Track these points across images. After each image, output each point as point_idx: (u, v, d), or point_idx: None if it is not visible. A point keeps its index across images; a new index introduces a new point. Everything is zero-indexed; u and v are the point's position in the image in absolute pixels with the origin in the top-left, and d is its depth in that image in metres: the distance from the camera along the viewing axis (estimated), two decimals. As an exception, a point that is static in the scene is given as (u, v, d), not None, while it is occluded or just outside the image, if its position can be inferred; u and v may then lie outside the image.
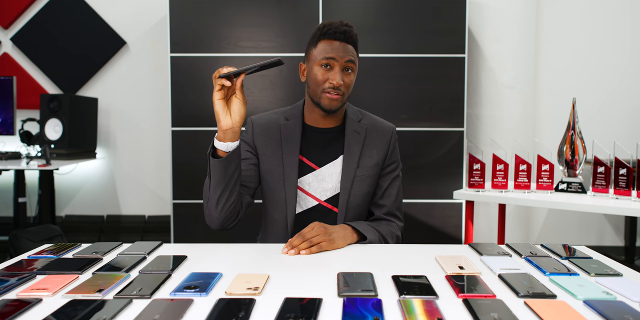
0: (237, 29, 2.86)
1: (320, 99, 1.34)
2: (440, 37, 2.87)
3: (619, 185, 1.90)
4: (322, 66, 1.32)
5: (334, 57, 1.30)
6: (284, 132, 1.41)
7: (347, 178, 1.39)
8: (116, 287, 0.90)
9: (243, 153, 1.43)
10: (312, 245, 1.16)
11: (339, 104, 1.34)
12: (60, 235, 2.78)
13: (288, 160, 1.39)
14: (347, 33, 1.32)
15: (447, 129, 2.90)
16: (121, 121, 3.45)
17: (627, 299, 0.85)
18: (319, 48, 1.33)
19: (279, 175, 1.39)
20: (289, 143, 1.40)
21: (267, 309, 0.80)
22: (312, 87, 1.35)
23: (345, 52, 1.31)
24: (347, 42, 1.32)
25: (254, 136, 1.43)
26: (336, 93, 1.31)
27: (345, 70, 1.32)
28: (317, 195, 1.41)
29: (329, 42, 1.32)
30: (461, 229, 2.94)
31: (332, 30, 1.32)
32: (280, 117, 1.45)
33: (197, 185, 2.89)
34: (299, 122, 1.42)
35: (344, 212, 1.39)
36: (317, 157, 1.41)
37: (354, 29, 1.35)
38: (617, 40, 3.38)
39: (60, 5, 3.34)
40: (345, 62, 1.31)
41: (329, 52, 1.31)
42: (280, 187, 1.39)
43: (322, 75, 1.32)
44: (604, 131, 3.23)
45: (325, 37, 1.32)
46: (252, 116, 1.48)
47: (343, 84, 1.31)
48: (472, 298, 0.84)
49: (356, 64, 1.34)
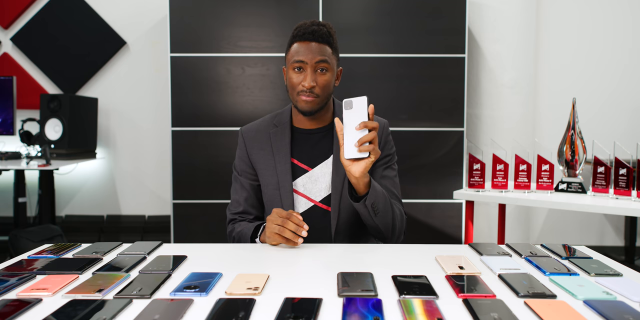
0: (237, 29, 2.86)
1: (297, 102, 1.34)
2: (440, 37, 2.87)
3: (619, 185, 1.90)
4: (294, 69, 1.32)
5: (303, 60, 1.30)
6: (274, 140, 1.42)
7: (337, 178, 1.38)
8: (116, 287, 0.90)
9: (244, 174, 1.46)
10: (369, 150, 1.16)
11: (315, 105, 1.33)
12: (60, 235, 2.78)
13: (280, 167, 1.40)
14: (317, 32, 1.30)
15: (447, 129, 2.90)
16: (121, 121, 3.45)
17: (627, 299, 0.85)
18: (291, 51, 1.33)
19: (274, 184, 1.41)
20: (280, 150, 1.41)
21: (267, 309, 0.80)
22: (290, 90, 1.36)
23: (314, 53, 1.30)
24: (317, 41, 1.31)
25: (247, 150, 1.45)
26: (309, 95, 1.31)
27: (320, 71, 1.31)
28: (312, 196, 1.40)
29: (299, 44, 1.32)
30: (461, 229, 2.94)
31: (302, 32, 1.32)
32: (269, 124, 1.46)
33: (197, 185, 2.91)
34: (287, 127, 1.43)
35: (337, 211, 1.38)
36: (309, 159, 1.41)
37: (325, 27, 1.33)
38: (617, 40, 3.38)
39: (60, 5, 3.34)
40: (315, 63, 1.30)
41: (299, 54, 1.30)
42: (277, 196, 1.40)
43: (296, 79, 1.32)
44: (604, 131, 3.23)
45: (296, 39, 1.33)
46: (242, 128, 1.49)
47: (316, 85, 1.31)
48: (472, 298, 0.84)
49: (330, 62, 1.32)
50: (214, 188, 2.86)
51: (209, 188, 2.87)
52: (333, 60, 1.34)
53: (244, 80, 2.87)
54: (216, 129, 2.88)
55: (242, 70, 2.87)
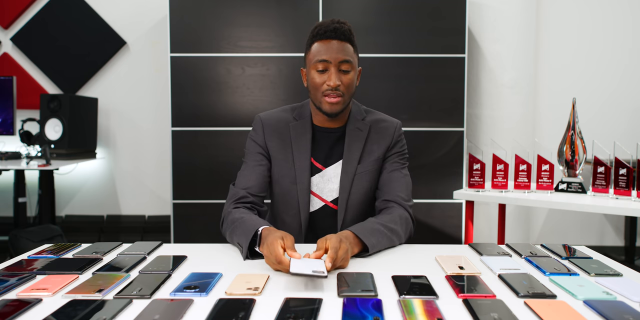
0: (237, 29, 2.86)
1: (321, 104, 1.31)
2: (440, 37, 2.87)
3: (619, 185, 1.90)
4: (318, 70, 1.29)
5: (327, 59, 1.27)
6: (294, 133, 1.39)
7: (346, 177, 1.38)
8: (116, 287, 0.90)
9: (256, 156, 1.40)
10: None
11: (341, 106, 1.31)
12: (60, 235, 2.78)
13: (300, 163, 1.37)
14: (339, 30, 1.27)
15: (447, 129, 2.90)
16: (121, 121, 3.45)
17: (627, 299, 0.85)
18: (313, 51, 1.30)
19: (291, 179, 1.38)
20: (300, 146, 1.38)
21: (267, 309, 0.80)
22: (312, 91, 1.33)
23: (338, 52, 1.27)
24: (339, 39, 1.28)
25: (265, 137, 1.40)
26: (335, 95, 1.28)
27: (342, 71, 1.29)
28: (324, 196, 1.40)
29: (321, 43, 1.29)
30: (461, 229, 2.94)
31: (323, 30, 1.28)
32: (289, 116, 1.42)
33: (197, 185, 2.91)
34: (308, 122, 1.40)
35: (344, 210, 1.39)
36: (324, 158, 1.40)
37: (346, 24, 1.30)
38: (617, 40, 3.38)
39: (60, 5, 3.34)
40: (339, 63, 1.28)
41: (322, 54, 1.27)
42: (293, 191, 1.38)
43: (319, 79, 1.29)
44: (604, 131, 3.23)
45: (317, 38, 1.30)
46: (260, 114, 1.44)
47: (341, 84, 1.29)
48: (472, 298, 0.84)
49: (353, 61, 1.30)
50: (214, 188, 2.86)
51: (209, 188, 2.87)
52: (355, 59, 1.32)
53: (244, 80, 2.87)
54: (216, 129, 2.88)
55: (242, 70, 2.87)
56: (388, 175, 1.41)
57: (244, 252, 1.12)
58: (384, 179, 1.41)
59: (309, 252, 1.06)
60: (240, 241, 1.15)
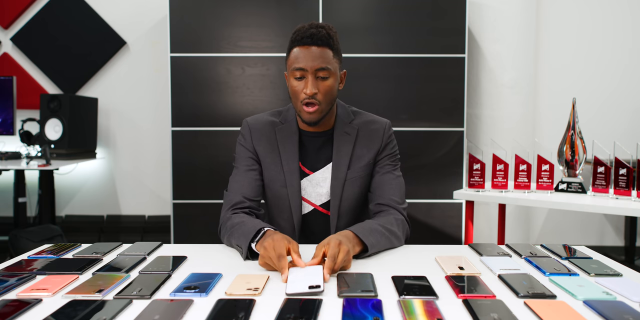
0: (237, 29, 2.86)
1: (300, 112, 1.30)
2: (440, 37, 2.87)
3: (619, 185, 1.90)
4: (295, 77, 1.27)
5: (303, 68, 1.24)
6: (280, 136, 1.38)
7: (336, 183, 1.37)
8: (116, 288, 0.90)
9: (247, 161, 1.39)
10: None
11: (318, 115, 1.29)
12: (60, 235, 2.78)
13: (288, 167, 1.36)
14: (315, 35, 1.24)
15: (447, 129, 2.90)
16: (121, 121, 3.45)
17: (627, 299, 0.85)
18: (291, 57, 1.28)
19: (281, 182, 1.37)
20: (287, 149, 1.37)
21: (267, 309, 0.80)
22: (292, 99, 1.32)
23: (314, 60, 1.24)
24: (317, 45, 1.25)
25: (253, 142, 1.40)
26: (312, 104, 1.27)
27: (321, 78, 1.26)
28: (313, 200, 1.39)
29: (299, 49, 1.26)
30: (461, 229, 2.94)
31: (300, 36, 1.26)
32: (275, 119, 1.42)
33: (197, 185, 2.91)
34: (293, 126, 1.39)
35: (336, 217, 1.38)
36: (311, 162, 1.39)
37: (325, 29, 1.27)
38: (617, 40, 3.38)
39: (60, 5, 3.34)
40: (316, 71, 1.25)
41: (300, 61, 1.25)
42: (284, 195, 1.37)
43: (297, 86, 1.28)
44: (604, 131, 3.23)
45: (295, 44, 1.28)
46: (247, 118, 1.44)
47: (318, 92, 1.26)
48: (472, 298, 0.84)
49: (332, 67, 1.26)
50: (214, 188, 2.86)
51: (209, 188, 2.87)
52: (335, 64, 1.29)
53: (244, 80, 2.87)
54: (216, 129, 2.88)
55: (242, 70, 2.87)
56: (380, 178, 1.39)
57: (243, 252, 1.12)
58: (377, 182, 1.39)
59: (304, 254, 1.06)
60: (239, 241, 1.15)
